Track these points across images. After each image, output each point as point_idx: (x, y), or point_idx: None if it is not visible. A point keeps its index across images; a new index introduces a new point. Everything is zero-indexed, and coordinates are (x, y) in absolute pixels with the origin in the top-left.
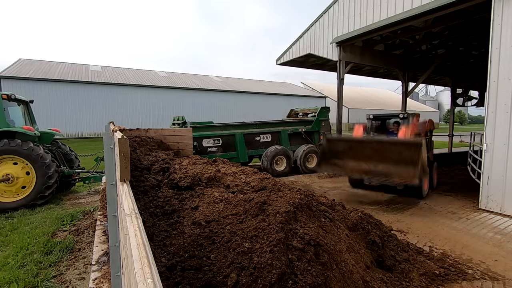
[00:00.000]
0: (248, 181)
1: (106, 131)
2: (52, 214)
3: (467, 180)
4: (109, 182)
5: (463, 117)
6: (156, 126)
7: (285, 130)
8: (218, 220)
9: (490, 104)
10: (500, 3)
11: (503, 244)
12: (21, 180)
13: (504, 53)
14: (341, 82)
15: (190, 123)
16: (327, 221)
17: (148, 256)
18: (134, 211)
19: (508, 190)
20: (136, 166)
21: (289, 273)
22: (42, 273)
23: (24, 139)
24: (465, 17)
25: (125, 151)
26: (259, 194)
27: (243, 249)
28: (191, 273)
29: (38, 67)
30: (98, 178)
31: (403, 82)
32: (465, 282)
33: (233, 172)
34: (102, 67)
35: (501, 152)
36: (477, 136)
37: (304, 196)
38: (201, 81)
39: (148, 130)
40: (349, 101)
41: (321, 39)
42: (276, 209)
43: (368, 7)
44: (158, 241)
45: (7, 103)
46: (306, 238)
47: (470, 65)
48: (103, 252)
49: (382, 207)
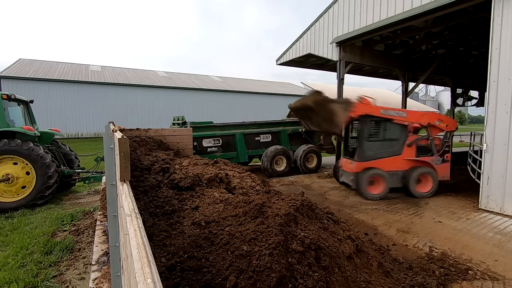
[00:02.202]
0: (253, 185)
1: (106, 131)
2: (52, 214)
3: (467, 180)
4: (109, 182)
5: (463, 117)
6: (156, 126)
7: (285, 130)
8: (218, 221)
9: (490, 104)
10: (500, 3)
11: (503, 244)
12: (21, 180)
13: (504, 53)
14: (341, 82)
15: (190, 123)
16: (330, 223)
17: (148, 256)
18: (134, 211)
19: (508, 190)
20: (136, 166)
21: (288, 276)
22: (42, 273)
23: (24, 139)
24: (465, 17)
25: (125, 151)
26: (260, 196)
27: (242, 252)
28: (191, 274)
29: (38, 67)
30: (98, 178)
31: (403, 82)
32: (465, 282)
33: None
34: (102, 67)
35: (501, 152)
36: (477, 136)
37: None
38: (201, 81)
39: (148, 130)
40: None
41: (321, 39)
42: (275, 212)
43: (368, 7)
44: (158, 241)
45: (7, 103)
46: (306, 242)
47: (470, 65)
48: (103, 252)
49: (382, 207)
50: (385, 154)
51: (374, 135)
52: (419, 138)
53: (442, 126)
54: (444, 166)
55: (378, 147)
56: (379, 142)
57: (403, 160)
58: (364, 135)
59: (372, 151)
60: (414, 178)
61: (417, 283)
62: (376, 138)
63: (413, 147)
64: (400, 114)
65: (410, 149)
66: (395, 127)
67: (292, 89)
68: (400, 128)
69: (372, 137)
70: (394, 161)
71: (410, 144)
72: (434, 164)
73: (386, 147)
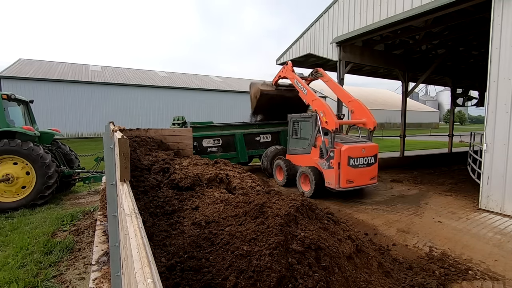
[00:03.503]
0: (253, 186)
1: (106, 131)
2: (52, 214)
3: (467, 180)
4: (109, 182)
5: (463, 117)
6: (156, 126)
7: (285, 130)
8: (218, 221)
9: (490, 104)
10: (500, 3)
11: (503, 244)
12: (21, 180)
13: (504, 53)
14: (341, 82)
15: (190, 123)
16: (330, 223)
17: (148, 256)
18: (134, 211)
19: (508, 190)
20: (136, 166)
21: (289, 276)
22: (42, 273)
23: (24, 139)
24: (465, 17)
25: (125, 151)
26: (260, 197)
27: (242, 252)
28: (191, 274)
29: (38, 67)
30: (98, 178)
31: (403, 82)
32: (465, 282)
33: (240, 176)
34: (102, 67)
35: (501, 152)
36: (477, 136)
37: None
38: (201, 81)
39: (148, 130)
40: None
41: (321, 39)
42: (275, 212)
43: (368, 7)
44: (158, 241)
45: (7, 103)
46: (306, 242)
47: (470, 65)
48: (103, 252)
49: (382, 207)
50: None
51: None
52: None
53: (322, 120)
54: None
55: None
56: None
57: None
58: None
59: None
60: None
61: (417, 283)
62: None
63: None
64: (303, 89)
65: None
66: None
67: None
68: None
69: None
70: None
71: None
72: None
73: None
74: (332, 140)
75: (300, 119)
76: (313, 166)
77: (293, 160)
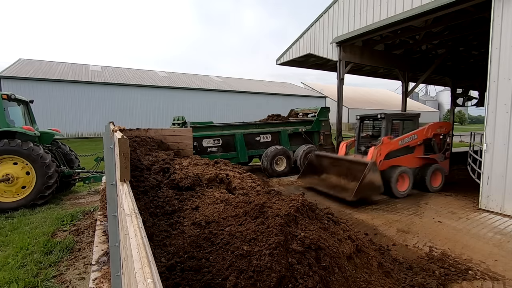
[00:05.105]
0: (253, 186)
1: (106, 131)
2: (52, 214)
3: (467, 180)
4: (109, 182)
5: (463, 117)
6: (156, 126)
7: (285, 130)
8: (218, 221)
9: (490, 104)
10: (500, 3)
11: (503, 244)
12: (21, 180)
13: (504, 53)
14: (341, 82)
15: (190, 123)
16: (330, 223)
17: (148, 256)
18: (134, 211)
19: (508, 190)
20: (136, 166)
21: (289, 276)
22: (42, 273)
23: (24, 139)
24: (465, 17)
25: (125, 151)
26: (260, 197)
27: (242, 252)
28: (191, 274)
29: (38, 67)
30: (98, 178)
31: (403, 82)
32: (465, 282)
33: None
34: (102, 67)
35: (501, 152)
36: (477, 136)
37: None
38: (201, 81)
39: (148, 130)
40: (349, 101)
41: (321, 39)
42: (276, 212)
43: (368, 7)
44: (158, 241)
45: (7, 103)
46: (306, 242)
47: (470, 65)
48: (103, 252)
49: (382, 207)
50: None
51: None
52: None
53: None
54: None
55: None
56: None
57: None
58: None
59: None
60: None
61: (417, 283)
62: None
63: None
64: (413, 137)
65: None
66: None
67: (292, 89)
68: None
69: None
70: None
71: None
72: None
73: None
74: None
75: (403, 118)
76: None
77: (394, 163)
